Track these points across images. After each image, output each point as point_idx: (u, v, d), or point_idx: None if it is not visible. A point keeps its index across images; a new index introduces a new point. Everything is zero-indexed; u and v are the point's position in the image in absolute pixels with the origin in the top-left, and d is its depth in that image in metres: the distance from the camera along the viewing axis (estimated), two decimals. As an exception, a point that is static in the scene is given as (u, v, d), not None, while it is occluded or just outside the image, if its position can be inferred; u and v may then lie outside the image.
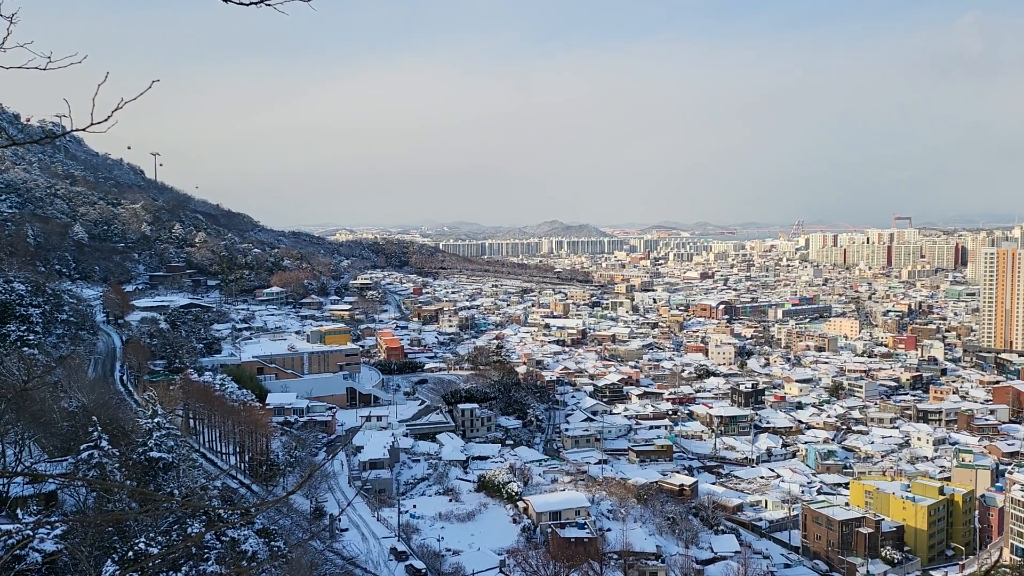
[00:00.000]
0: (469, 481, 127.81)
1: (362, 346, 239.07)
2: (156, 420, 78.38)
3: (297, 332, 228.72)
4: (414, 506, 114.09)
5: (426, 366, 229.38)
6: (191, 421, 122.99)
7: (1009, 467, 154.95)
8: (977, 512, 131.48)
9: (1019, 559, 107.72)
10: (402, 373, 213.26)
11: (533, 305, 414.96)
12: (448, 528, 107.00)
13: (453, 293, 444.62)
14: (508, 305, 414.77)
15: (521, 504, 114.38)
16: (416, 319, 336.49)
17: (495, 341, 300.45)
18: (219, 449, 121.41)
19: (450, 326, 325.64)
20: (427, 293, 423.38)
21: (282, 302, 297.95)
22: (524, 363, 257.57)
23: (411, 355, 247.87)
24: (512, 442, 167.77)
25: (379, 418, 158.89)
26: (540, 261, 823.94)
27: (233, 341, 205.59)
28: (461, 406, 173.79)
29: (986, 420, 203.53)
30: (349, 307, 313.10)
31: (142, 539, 52.80)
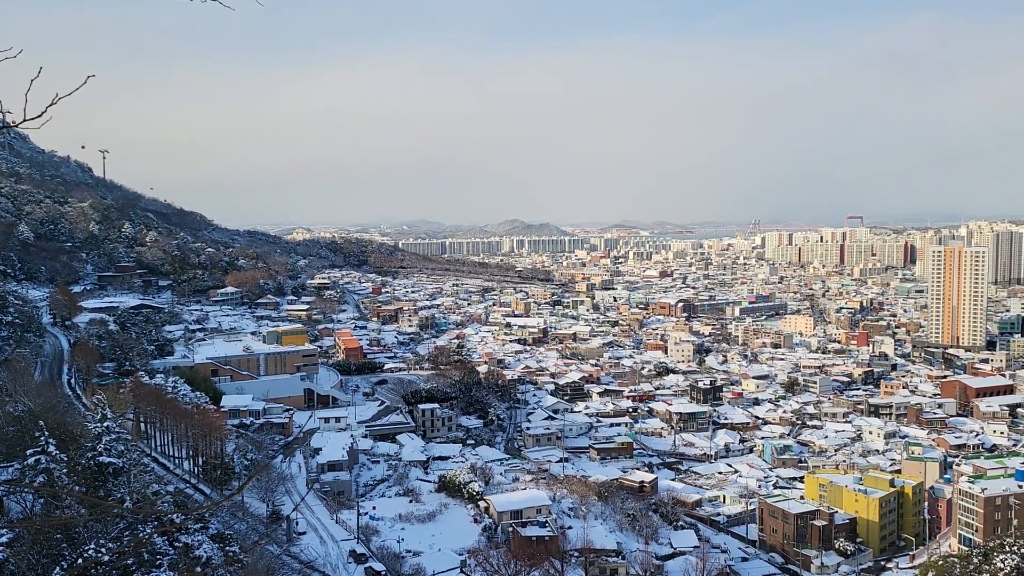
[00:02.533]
0: (430, 481, 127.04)
1: (320, 347, 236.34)
2: (106, 424, 76.07)
3: (253, 333, 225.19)
4: (374, 508, 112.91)
5: (386, 366, 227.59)
6: (142, 425, 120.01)
7: (956, 459, 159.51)
8: (926, 503, 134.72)
9: (967, 549, 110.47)
10: (361, 374, 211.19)
11: (494, 304, 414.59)
12: (408, 529, 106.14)
13: (413, 292, 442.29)
14: (469, 304, 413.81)
15: (482, 504, 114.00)
16: (375, 319, 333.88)
17: (456, 340, 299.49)
18: (172, 453, 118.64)
19: (410, 326, 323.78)
20: (386, 292, 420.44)
21: (237, 302, 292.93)
22: (485, 362, 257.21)
23: (370, 355, 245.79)
24: (473, 442, 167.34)
25: (338, 419, 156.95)
26: (501, 260, 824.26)
27: (186, 343, 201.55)
28: (421, 406, 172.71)
29: (934, 414, 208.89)
30: (306, 307, 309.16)
31: (92, 546, 51.22)
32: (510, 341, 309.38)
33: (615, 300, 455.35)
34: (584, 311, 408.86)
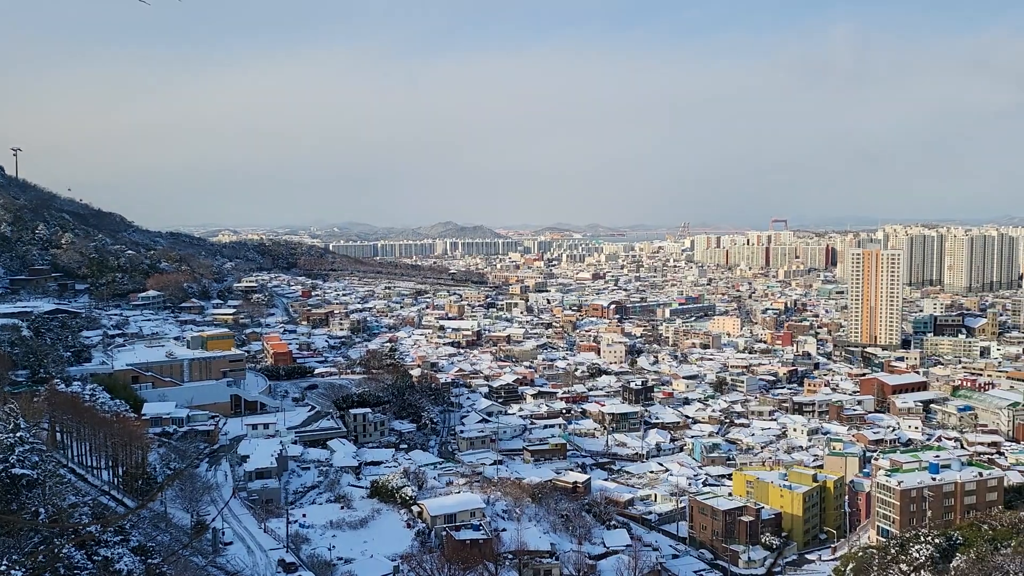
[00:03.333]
0: (362, 487, 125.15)
1: (247, 351, 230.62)
2: (19, 434, 72.22)
3: (176, 338, 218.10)
4: (304, 515, 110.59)
5: (316, 371, 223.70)
6: (58, 435, 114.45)
7: (875, 454, 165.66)
8: (847, 497, 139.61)
9: (884, 540, 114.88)
10: (291, 378, 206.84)
11: (427, 307, 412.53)
12: (340, 536, 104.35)
13: (344, 295, 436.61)
14: (402, 307, 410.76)
15: (416, 508, 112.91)
16: (305, 322, 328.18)
17: (388, 344, 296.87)
18: (90, 464, 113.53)
19: (341, 329, 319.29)
20: (317, 296, 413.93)
21: (159, 306, 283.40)
22: (418, 365, 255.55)
23: (300, 360, 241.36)
24: (406, 446, 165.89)
25: (266, 426, 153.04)
26: (434, 262, 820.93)
27: (105, 348, 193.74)
28: (353, 411, 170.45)
29: (854, 410, 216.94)
30: (233, 311, 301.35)
31: (4, 562, 48.58)
32: (444, 344, 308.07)
33: (549, 302, 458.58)
34: (518, 313, 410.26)
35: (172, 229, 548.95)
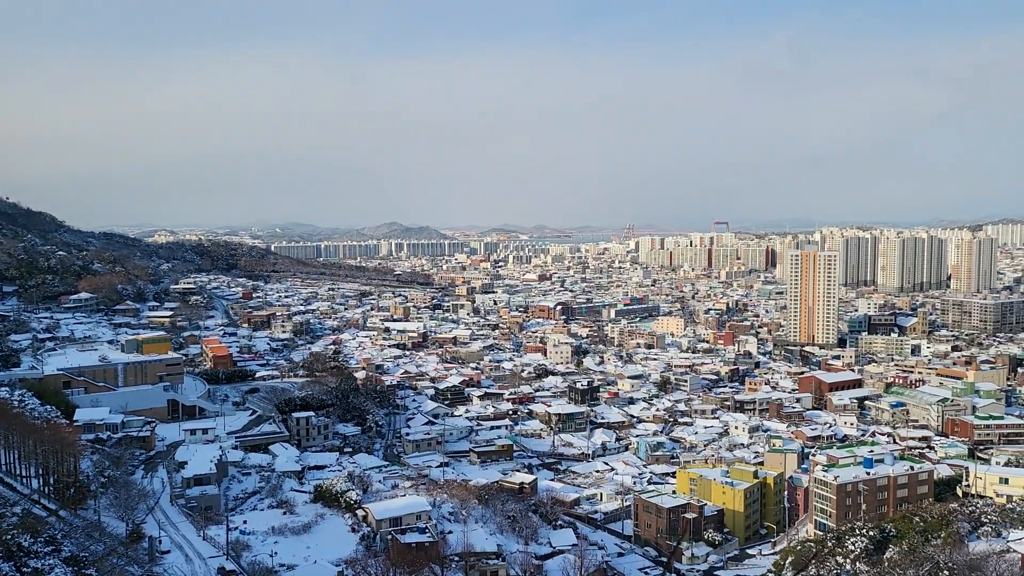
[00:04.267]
0: (305, 492, 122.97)
1: (185, 355, 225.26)
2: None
3: (110, 342, 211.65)
4: (244, 522, 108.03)
5: (258, 374, 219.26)
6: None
7: (812, 450, 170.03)
8: (786, 492, 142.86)
9: (822, 533, 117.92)
10: (231, 382, 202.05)
11: (372, 308, 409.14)
12: (282, 542, 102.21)
13: (287, 297, 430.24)
14: (346, 309, 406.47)
15: (360, 512, 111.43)
16: (246, 325, 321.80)
17: (332, 346, 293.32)
18: (19, 472, 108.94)
19: (283, 332, 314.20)
20: (258, 297, 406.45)
21: (92, 309, 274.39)
22: (363, 368, 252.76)
23: (241, 363, 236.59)
24: (351, 449, 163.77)
25: (205, 431, 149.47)
26: (379, 263, 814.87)
27: (34, 353, 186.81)
28: (296, 415, 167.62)
29: (793, 408, 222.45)
30: (170, 314, 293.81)
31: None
32: (389, 346, 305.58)
33: (495, 303, 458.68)
34: (464, 315, 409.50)
35: (106, 229, 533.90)
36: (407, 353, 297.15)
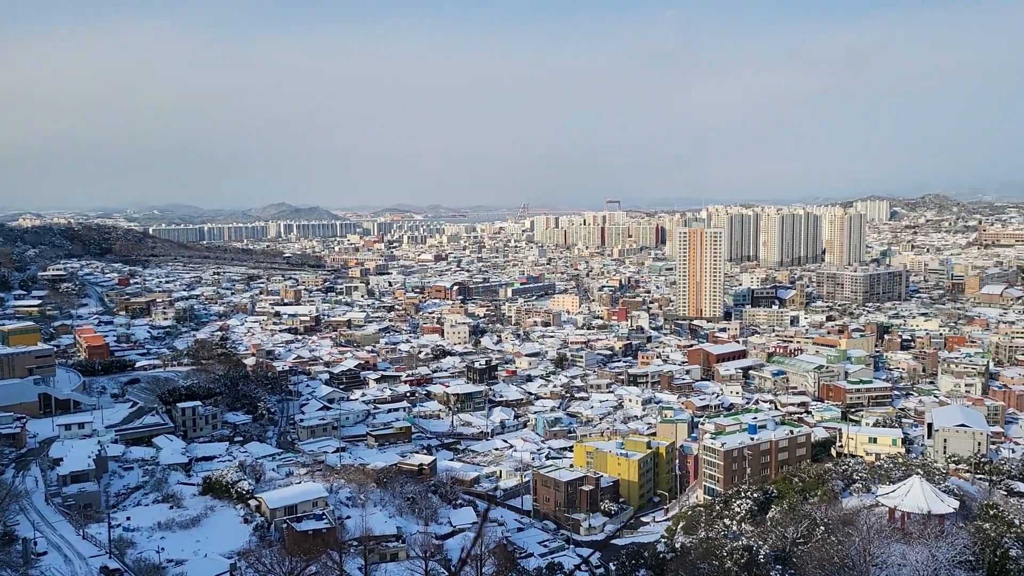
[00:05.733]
0: (193, 484, 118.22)
1: (57, 345, 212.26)
2: None
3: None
4: (128, 518, 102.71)
5: (138, 364, 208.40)
6: None
7: (701, 419, 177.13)
8: (678, 460, 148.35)
9: (711, 498, 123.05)
10: (109, 373, 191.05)
11: (261, 292, 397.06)
12: (170, 537, 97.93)
13: (167, 282, 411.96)
14: (233, 293, 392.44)
15: (253, 502, 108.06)
16: (124, 312, 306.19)
17: (219, 332, 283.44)
18: None
19: (165, 319, 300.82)
20: (136, 283, 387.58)
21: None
22: (253, 354, 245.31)
23: (119, 353, 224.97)
24: (242, 438, 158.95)
25: (81, 425, 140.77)
26: (268, 246, 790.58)
27: None
28: (181, 405, 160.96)
29: (683, 379, 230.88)
30: (39, 302, 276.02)
31: None
32: (280, 331, 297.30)
33: (390, 285, 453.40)
34: (358, 297, 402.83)
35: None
36: (299, 338, 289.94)
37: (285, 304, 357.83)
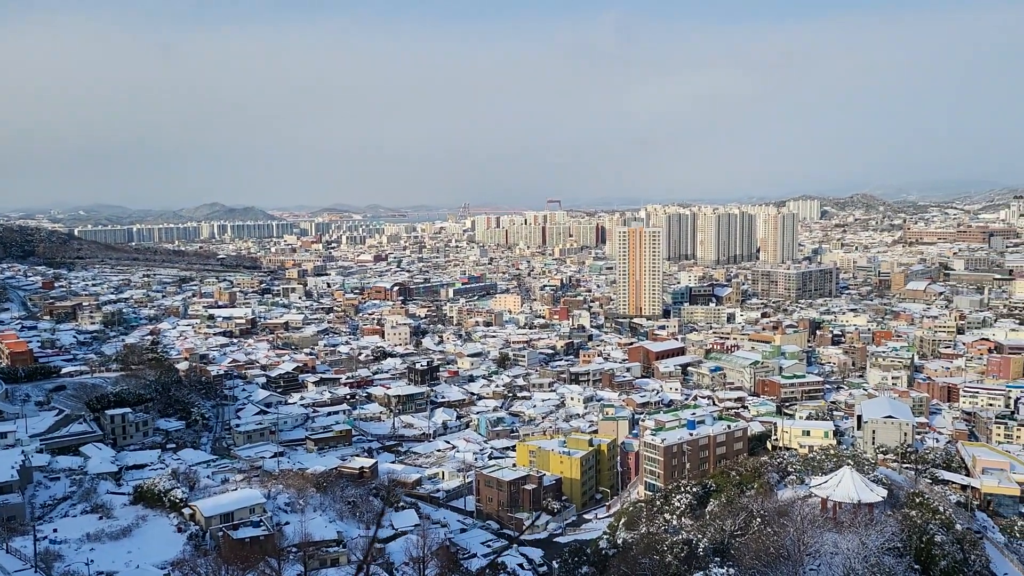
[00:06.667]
0: (124, 494, 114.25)
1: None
2: None
3: None
4: (55, 530, 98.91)
5: (64, 370, 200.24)
6: None
7: (642, 416, 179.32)
8: (619, 457, 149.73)
9: (651, 493, 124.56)
10: (32, 380, 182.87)
11: (194, 295, 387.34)
12: (100, 549, 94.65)
13: (95, 285, 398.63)
14: (164, 296, 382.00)
15: (187, 511, 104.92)
16: (48, 317, 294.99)
17: (150, 337, 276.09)
18: None
19: (92, 323, 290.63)
20: (61, 287, 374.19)
21: None
22: (186, 358, 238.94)
23: (43, 359, 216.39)
24: (175, 445, 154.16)
25: (4, 435, 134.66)
26: (200, 247, 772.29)
27: None
28: (110, 412, 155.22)
29: (624, 377, 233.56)
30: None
31: None
32: (214, 334, 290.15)
33: (329, 286, 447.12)
34: (296, 299, 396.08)
35: None
36: (235, 341, 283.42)
37: (219, 307, 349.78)
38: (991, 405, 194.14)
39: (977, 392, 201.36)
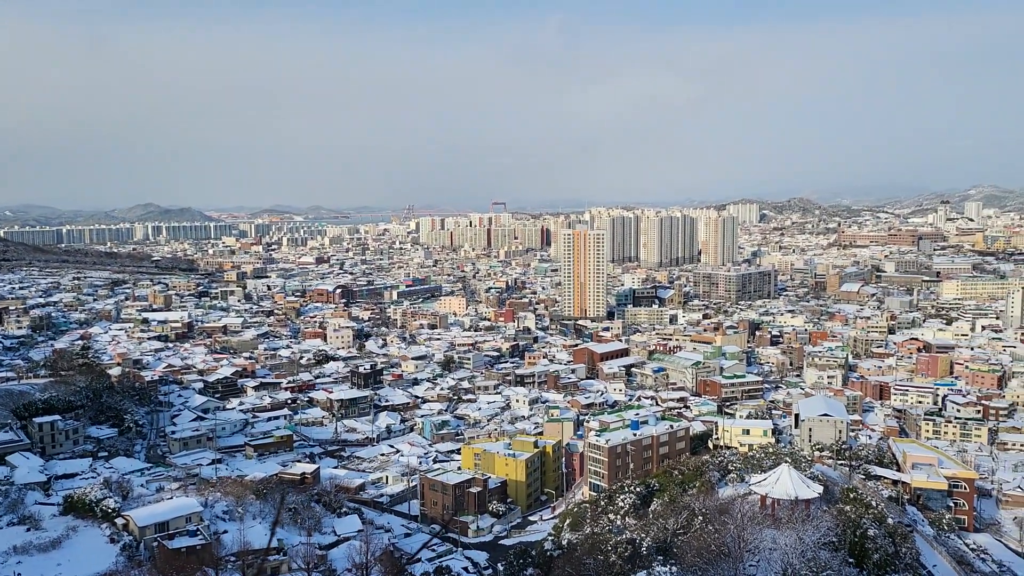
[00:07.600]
0: (53, 504, 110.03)
1: None
2: None
3: None
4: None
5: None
6: None
7: (586, 417, 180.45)
8: (564, 459, 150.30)
9: (596, 494, 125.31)
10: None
11: (127, 298, 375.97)
12: (27, 562, 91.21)
13: (21, 288, 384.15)
14: (95, 300, 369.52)
15: (120, 521, 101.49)
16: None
17: (80, 341, 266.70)
18: None
19: (19, 328, 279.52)
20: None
21: None
22: (118, 364, 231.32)
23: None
24: (107, 453, 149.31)
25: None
26: (134, 249, 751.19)
27: None
28: (38, 420, 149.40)
29: (569, 378, 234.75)
30: None
31: None
32: (149, 338, 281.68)
33: (269, 288, 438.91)
34: (235, 301, 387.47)
35: None
36: (170, 345, 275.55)
37: (154, 310, 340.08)
38: (920, 402, 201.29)
39: (907, 390, 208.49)
